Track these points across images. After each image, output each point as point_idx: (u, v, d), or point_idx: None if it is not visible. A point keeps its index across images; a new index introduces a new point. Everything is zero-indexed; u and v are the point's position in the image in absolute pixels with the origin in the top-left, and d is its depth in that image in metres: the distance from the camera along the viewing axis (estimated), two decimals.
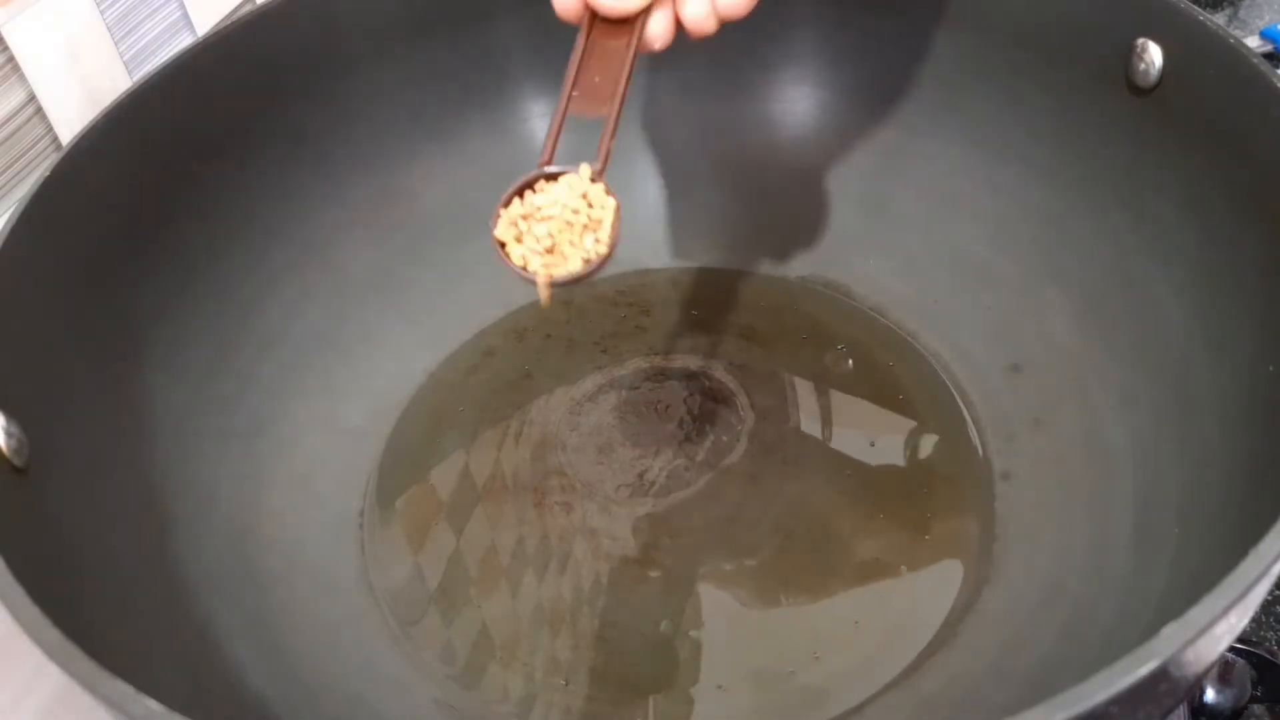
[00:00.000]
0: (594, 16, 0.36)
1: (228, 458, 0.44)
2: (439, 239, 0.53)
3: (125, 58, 0.51)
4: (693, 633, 0.41)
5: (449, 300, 0.52)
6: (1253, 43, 0.65)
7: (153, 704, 0.25)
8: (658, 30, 0.36)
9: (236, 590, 0.40)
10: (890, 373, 0.49)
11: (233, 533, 0.42)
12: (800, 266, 0.53)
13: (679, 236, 0.55)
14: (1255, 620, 0.42)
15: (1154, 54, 0.41)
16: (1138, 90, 0.42)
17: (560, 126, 0.34)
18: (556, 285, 0.33)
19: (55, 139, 0.49)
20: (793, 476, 0.45)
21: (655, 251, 0.54)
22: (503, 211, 0.34)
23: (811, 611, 0.41)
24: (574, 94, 0.35)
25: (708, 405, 0.48)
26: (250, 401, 0.46)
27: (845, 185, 0.53)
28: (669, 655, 0.41)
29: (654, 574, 0.43)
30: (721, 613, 0.41)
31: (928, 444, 0.46)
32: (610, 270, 0.54)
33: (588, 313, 0.53)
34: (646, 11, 0.35)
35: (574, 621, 0.42)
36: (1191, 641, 0.24)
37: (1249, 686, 0.38)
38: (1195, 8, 0.40)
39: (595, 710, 0.39)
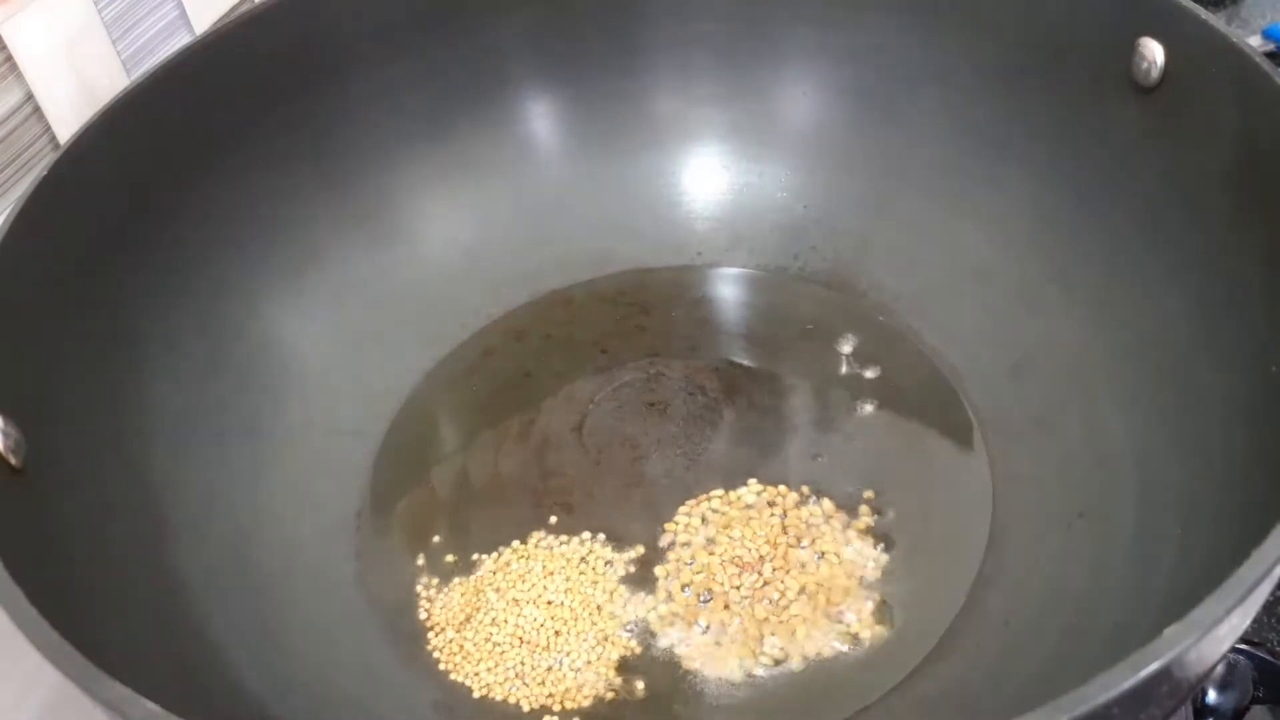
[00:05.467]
0: None
1: (225, 458, 0.44)
2: (438, 238, 0.53)
3: (123, 57, 0.51)
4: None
5: (448, 300, 0.52)
6: (1255, 41, 0.65)
7: (151, 705, 0.25)
8: None
9: (234, 591, 0.40)
10: (891, 373, 0.49)
11: (230, 534, 0.42)
12: (800, 266, 0.53)
13: (679, 236, 0.55)
14: (1257, 621, 0.42)
15: (1156, 53, 0.41)
16: (1139, 89, 0.42)
17: None
18: None
19: (53, 138, 0.49)
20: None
21: (655, 251, 0.54)
22: None
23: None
24: None
25: (707, 405, 0.48)
26: (248, 402, 0.46)
27: (846, 185, 0.53)
28: (669, 657, 0.40)
29: (655, 575, 0.43)
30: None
31: (928, 444, 0.46)
32: (610, 270, 0.55)
33: (588, 313, 0.53)
34: None
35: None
36: (1194, 643, 0.24)
37: (1251, 687, 0.38)
38: (1197, 6, 0.40)
39: (596, 711, 0.39)
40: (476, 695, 0.40)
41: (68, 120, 0.49)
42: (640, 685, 0.40)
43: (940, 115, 0.50)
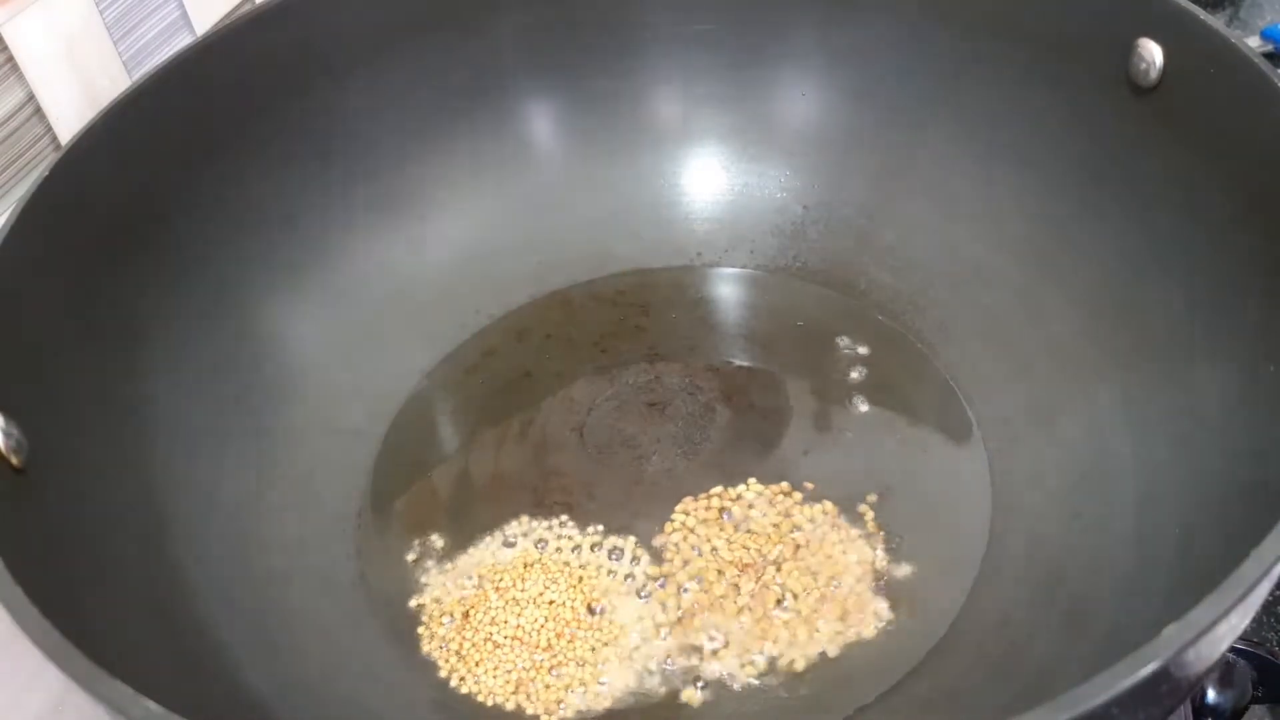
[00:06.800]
0: None
1: (227, 458, 0.44)
2: (438, 238, 0.53)
3: (124, 57, 0.51)
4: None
5: (449, 300, 0.52)
6: (1253, 42, 0.65)
7: (151, 705, 0.25)
8: None
9: (235, 591, 0.40)
10: (890, 372, 0.49)
11: (232, 533, 0.42)
12: (800, 266, 0.53)
13: (678, 236, 0.55)
14: (1256, 620, 0.42)
15: (1154, 53, 0.41)
16: (1138, 90, 0.42)
17: None
18: None
19: (54, 138, 0.49)
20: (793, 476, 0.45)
21: (655, 251, 0.54)
22: None
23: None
24: None
25: (707, 405, 0.48)
26: (249, 401, 0.46)
27: (845, 185, 0.53)
28: (669, 656, 0.41)
29: (655, 574, 0.43)
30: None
31: (928, 443, 0.46)
32: (610, 270, 0.55)
33: (587, 313, 0.53)
34: None
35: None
36: (1193, 642, 0.24)
37: (1250, 687, 0.38)
38: (1196, 7, 0.40)
39: (597, 712, 0.39)
40: (476, 695, 0.40)
41: (69, 121, 0.49)
42: (640, 685, 0.40)
43: (939, 115, 0.50)
